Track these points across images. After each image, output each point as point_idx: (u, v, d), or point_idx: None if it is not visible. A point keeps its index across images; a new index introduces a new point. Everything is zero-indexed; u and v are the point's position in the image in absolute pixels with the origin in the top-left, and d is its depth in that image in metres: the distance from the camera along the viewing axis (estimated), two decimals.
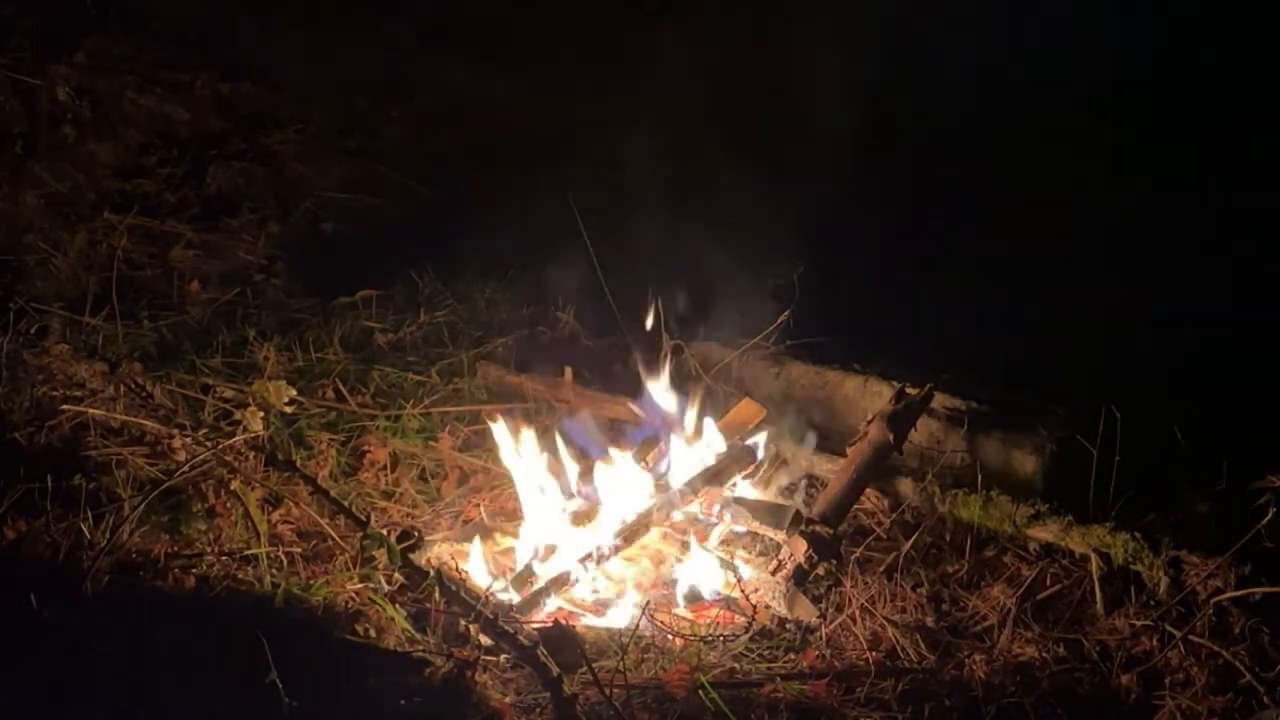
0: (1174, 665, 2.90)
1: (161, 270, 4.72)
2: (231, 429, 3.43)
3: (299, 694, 2.45)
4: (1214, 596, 3.02)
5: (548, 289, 4.64)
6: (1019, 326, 4.36)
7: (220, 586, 2.85)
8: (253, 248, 5.02)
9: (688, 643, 2.99)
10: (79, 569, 2.76)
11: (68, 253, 4.59)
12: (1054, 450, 3.54)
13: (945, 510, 3.44)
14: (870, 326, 4.28)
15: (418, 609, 2.96)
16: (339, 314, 4.55)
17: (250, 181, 5.39)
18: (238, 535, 3.11)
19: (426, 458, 3.77)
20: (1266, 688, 2.78)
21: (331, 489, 3.33)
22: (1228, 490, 3.40)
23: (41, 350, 3.70)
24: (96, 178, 5.14)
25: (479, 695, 2.62)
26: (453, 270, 4.80)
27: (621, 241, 4.38)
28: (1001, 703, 2.80)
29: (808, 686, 2.83)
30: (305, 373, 4.11)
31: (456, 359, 4.30)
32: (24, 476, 3.04)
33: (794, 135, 5.24)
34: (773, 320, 4.05)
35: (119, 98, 5.46)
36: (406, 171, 5.62)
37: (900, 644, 3.00)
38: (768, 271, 4.27)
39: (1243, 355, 4.11)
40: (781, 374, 4.05)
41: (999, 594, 3.18)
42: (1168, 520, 3.33)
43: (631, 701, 2.70)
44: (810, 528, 3.18)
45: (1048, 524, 3.31)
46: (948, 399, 3.66)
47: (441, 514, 3.58)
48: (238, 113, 5.70)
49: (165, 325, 4.29)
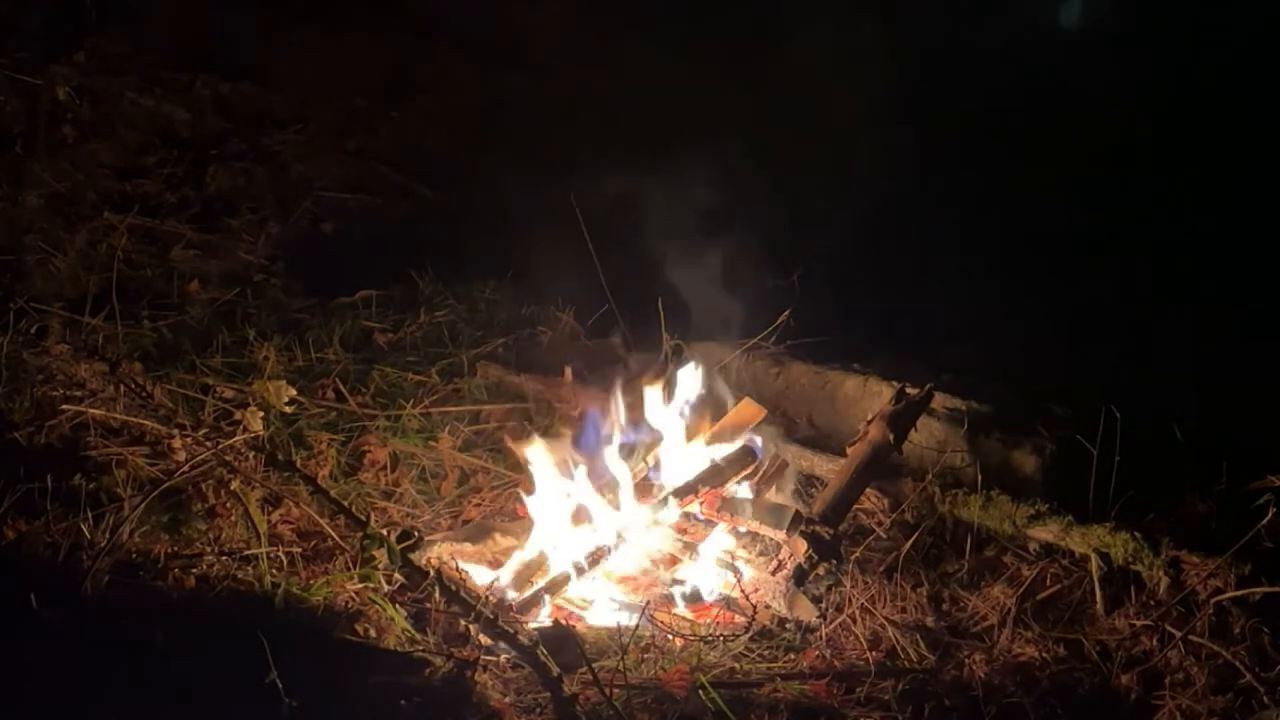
0: (1174, 665, 2.90)
1: (161, 270, 4.71)
2: (231, 429, 3.43)
3: (299, 694, 2.44)
4: (1214, 596, 3.02)
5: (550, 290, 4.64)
6: (1019, 326, 4.37)
7: (220, 586, 2.85)
8: (253, 248, 5.02)
9: (688, 643, 2.99)
10: (79, 569, 2.75)
11: (68, 253, 4.59)
12: (1054, 450, 3.54)
13: (945, 510, 3.44)
14: (870, 327, 4.29)
15: (418, 609, 2.96)
16: (339, 314, 4.54)
17: (250, 181, 5.39)
18: (238, 535, 3.11)
19: (426, 458, 3.76)
20: (1266, 688, 2.78)
21: (331, 489, 3.33)
22: (1228, 490, 3.40)
23: (41, 350, 3.69)
24: (96, 178, 5.14)
25: (479, 695, 2.62)
26: (453, 270, 4.80)
27: (622, 241, 4.39)
28: (1001, 703, 2.80)
29: (808, 686, 2.83)
30: (305, 373, 4.10)
31: (456, 359, 4.30)
32: (24, 476, 3.03)
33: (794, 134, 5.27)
34: (772, 319, 4.05)
35: (119, 98, 5.46)
36: (406, 171, 5.61)
37: (900, 644, 3.00)
38: (768, 271, 4.28)
39: (1243, 355, 4.12)
40: (781, 374, 4.05)
41: (999, 594, 3.18)
42: (1168, 520, 3.33)
43: (631, 701, 2.70)
44: (810, 528, 3.18)
45: (1048, 524, 3.31)
46: (948, 399, 3.66)
47: (441, 514, 3.58)
48: (238, 113, 5.70)
49: (165, 325, 4.28)
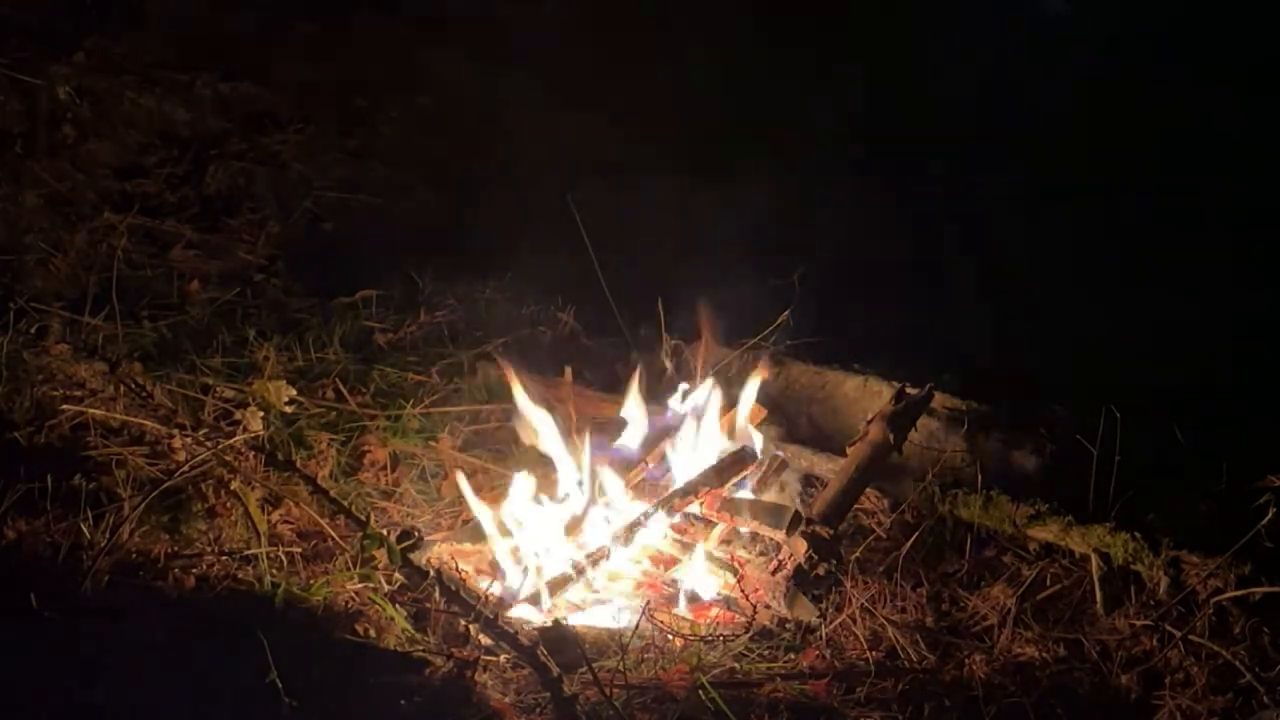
0: (1174, 665, 2.90)
1: (161, 270, 4.71)
2: (231, 429, 3.43)
3: (299, 694, 2.45)
4: (1214, 596, 3.02)
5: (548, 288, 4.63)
6: (1020, 326, 4.36)
7: (220, 586, 2.85)
8: (253, 248, 5.02)
9: (688, 643, 2.99)
10: (79, 569, 2.75)
11: (68, 253, 4.58)
12: (1054, 450, 3.54)
13: (945, 510, 3.43)
14: (870, 326, 4.28)
15: (418, 609, 2.96)
16: (339, 314, 4.53)
17: (250, 181, 5.38)
18: (238, 535, 3.11)
19: (426, 458, 3.76)
20: (1266, 688, 2.78)
21: (331, 489, 3.33)
22: (1228, 490, 3.40)
23: (41, 350, 3.69)
24: (96, 178, 5.13)
25: (479, 695, 2.62)
26: (453, 270, 4.80)
27: (623, 241, 4.39)
28: (1001, 703, 2.80)
29: (808, 686, 2.83)
30: (305, 373, 4.10)
31: (456, 359, 4.30)
32: (24, 476, 3.03)
33: (793, 132, 5.26)
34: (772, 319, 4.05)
35: (119, 98, 5.45)
36: (406, 171, 5.61)
37: (900, 644, 3.00)
38: (770, 271, 4.28)
39: (1243, 355, 4.12)
40: (781, 374, 4.05)
41: (999, 594, 3.18)
42: (1168, 520, 3.33)
43: (631, 701, 2.70)
44: (810, 528, 3.18)
45: (1048, 524, 3.31)
46: (948, 399, 3.66)
47: (441, 514, 3.57)
48: (238, 113, 5.69)
49: (165, 325, 4.27)
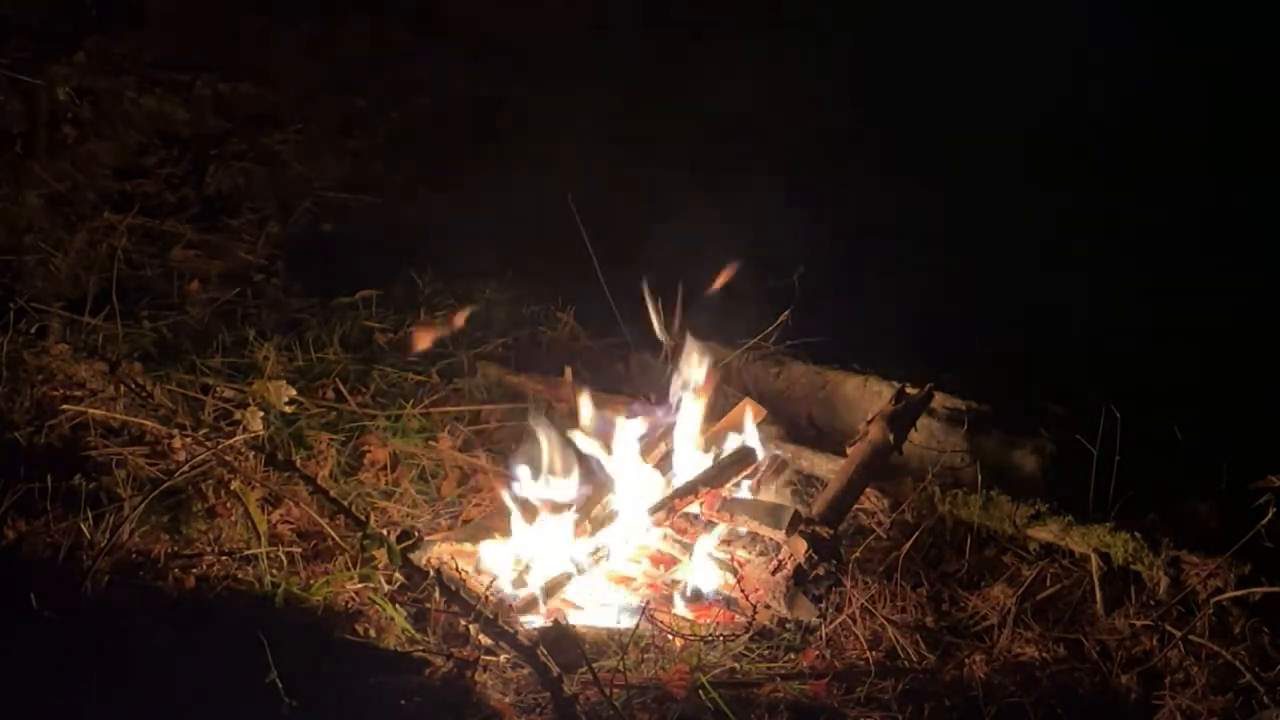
0: (1174, 665, 2.90)
1: (161, 270, 4.71)
2: (231, 429, 3.43)
3: (299, 694, 2.45)
4: (1214, 596, 3.02)
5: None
6: (1020, 326, 4.36)
7: (220, 586, 2.85)
8: (253, 248, 5.02)
9: (688, 643, 2.99)
10: (79, 569, 2.76)
11: (68, 253, 4.59)
12: (1054, 450, 3.54)
13: (945, 510, 3.43)
14: (870, 326, 4.28)
15: (418, 609, 2.96)
16: (339, 314, 4.54)
17: (250, 181, 5.39)
18: (238, 535, 3.11)
19: (426, 458, 3.76)
20: (1266, 688, 2.78)
21: (331, 489, 3.33)
22: (1228, 490, 3.40)
23: (41, 350, 3.69)
24: (96, 178, 5.13)
25: (479, 695, 2.62)
26: (453, 270, 4.80)
27: (623, 241, 4.38)
28: (1001, 703, 2.80)
29: (808, 686, 2.83)
30: (305, 373, 4.10)
31: (456, 359, 4.30)
32: (24, 476, 3.03)
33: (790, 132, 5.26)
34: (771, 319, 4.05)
35: (119, 98, 5.45)
36: (406, 171, 5.61)
37: (900, 644, 3.00)
38: (768, 271, 4.27)
39: (1243, 355, 4.12)
40: (781, 374, 4.05)
41: (999, 594, 3.18)
42: (1168, 520, 3.33)
43: (631, 701, 2.70)
44: (810, 528, 3.18)
45: (1048, 524, 3.31)
46: (948, 399, 3.66)
47: (441, 514, 3.58)
48: (238, 113, 5.69)
49: (165, 325, 4.28)
